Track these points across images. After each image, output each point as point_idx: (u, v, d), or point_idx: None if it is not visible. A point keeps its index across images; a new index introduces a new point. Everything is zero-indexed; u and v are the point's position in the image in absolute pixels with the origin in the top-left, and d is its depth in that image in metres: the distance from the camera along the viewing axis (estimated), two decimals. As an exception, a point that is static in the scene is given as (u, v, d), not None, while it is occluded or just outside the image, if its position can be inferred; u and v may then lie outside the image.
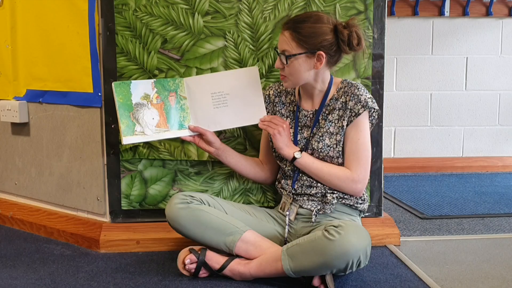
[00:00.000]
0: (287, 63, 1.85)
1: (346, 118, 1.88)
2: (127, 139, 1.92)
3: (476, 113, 3.71)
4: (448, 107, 3.69)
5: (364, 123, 1.89)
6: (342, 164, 1.91)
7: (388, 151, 3.67)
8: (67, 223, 2.29)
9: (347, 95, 1.89)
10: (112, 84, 1.92)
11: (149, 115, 1.95)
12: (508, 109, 3.72)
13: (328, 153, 1.89)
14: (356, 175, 1.88)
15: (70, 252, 2.15)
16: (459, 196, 3.04)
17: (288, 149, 1.91)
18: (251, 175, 2.08)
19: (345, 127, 1.89)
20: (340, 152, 1.90)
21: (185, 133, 1.99)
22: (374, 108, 1.89)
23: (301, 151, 1.91)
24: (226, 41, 2.11)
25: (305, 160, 1.90)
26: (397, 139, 3.70)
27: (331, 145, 1.89)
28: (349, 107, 1.88)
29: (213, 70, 2.11)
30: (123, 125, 1.91)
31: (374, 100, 1.90)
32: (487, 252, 2.15)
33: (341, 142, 1.89)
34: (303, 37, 1.81)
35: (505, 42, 3.65)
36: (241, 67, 2.11)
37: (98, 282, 1.84)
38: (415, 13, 3.55)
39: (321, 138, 1.91)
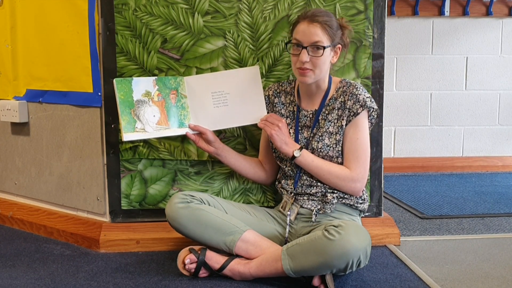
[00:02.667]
0: (322, 54, 1.84)
1: (345, 118, 1.88)
2: (127, 136, 1.91)
3: (476, 113, 3.71)
4: (448, 107, 3.69)
5: (363, 123, 1.89)
6: (341, 164, 1.91)
7: (388, 151, 3.67)
8: (67, 223, 2.29)
9: (346, 95, 1.89)
10: (114, 80, 1.92)
11: (150, 112, 1.95)
12: (508, 109, 3.72)
13: (327, 152, 1.89)
14: (355, 174, 1.88)
15: (70, 252, 2.15)
16: (459, 196, 3.04)
17: (287, 147, 1.91)
18: (250, 175, 2.08)
19: (344, 126, 1.89)
20: (340, 152, 1.90)
21: (185, 131, 1.99)
22: (373, 108, 1.89)
23: (301, 148, 1.91)
24: (226, 41, 2.11)
25: (305, 158, 1.90)
26: (397, 139, 3.70)
27: (331, 145, 1.89)
28: (347, 107, 1.88)
29: (213, 70, 2.11)
30: (124, 122, 1.91)
31: (372, 100, 1.90)
32: (487, 252, 2.14)
33: (341, 142, 1.89)
34: (332, 30, 1.85)
35: (505, 42, 3.65)
36: (241, 67, 2.11)
37: (98, 282, 1.84)
38: (415, 13, 3.55)
39: (320, 138, 1.91)
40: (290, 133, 1.97)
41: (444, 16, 3.58)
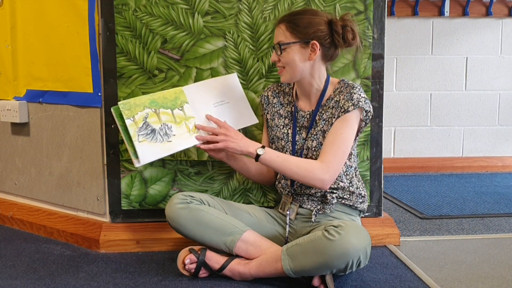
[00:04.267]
0: (281, 52, 1.85)
1: (336, 114, 1.87)
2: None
3: (476, 113, 3.71)
4: (448, 107, 3.69)
5: (351, 120, 1.85)
6: None
7: (388, 151, 3.67)
8: (67, 223, 2.29)
9: (342, 94, 1.89)
10: (118, 104, 1.86)
11: (160, 129, 1.89)
12: (508, 109, 3.72)
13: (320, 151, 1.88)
14: (327, 166, 1.81)
15: (70, 252, 2.15)
16: (459, 196, 3.04)
17: (248, 148, 1.85)
18: (256, 177, 2.07)
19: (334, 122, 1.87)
20: None
21: (196, 141, 1.92)
22: (364, 109, 1.86)
23: (263, 147, 1.85)
24: (226, 41, 2.11)
25: (270, 155, 1.84)
26: (397, 139, 3.70)
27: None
28: (340, 105, 1.87)
29: (213, 70, 2.11)
30: (131, 148, 1.86)
31: (367, 101, 1.86)
32: (487, 252, 2.15)
33: None
34: (297, 27, 1.84)
35: (505, 42, 3.65)
36: (241, 67, 2.11)
37: (98, 282, 1.84)
38: (415, 13, 3.55)
39: (315, 137, 1.90)
40: (288, 133, 1.96)
41: (444, 16, 3.58)
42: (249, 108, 2.04)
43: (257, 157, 1.84)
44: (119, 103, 1.87)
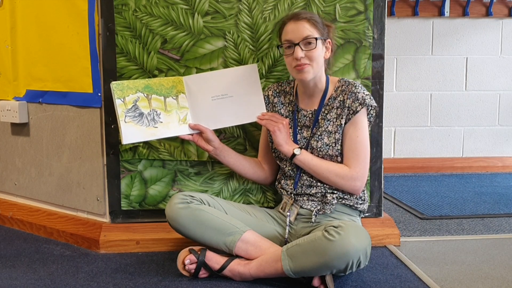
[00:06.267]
0: (316, 46, 1.85)
1: (344, 116, 1.88)
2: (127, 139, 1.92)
3: (476, 113, 3.71)
4: (448, 107, 3.69)
5: (362, 121, 1.89)
6: (341, 163, 1.91)
7: (388, 151, 3.67)
8: (67, 223, 2.29)
9: (345, 94, 1.90)
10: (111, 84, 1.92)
11: (148, 114, 1.95)
12: (508, 109, 3.72)
13: (327, 152, 1.89)
14: (355, 172, 1.88)
15: (70, 252, 2.15)
16: (459, 196, 3.04)
17: (288, 146, 1.91)
18: (250, 175, 2.08)
19: (343, 125, 1.89)
20: (339, 151, 1.90)
21: (184, 131, 1.98)
22: (371, 105, 1.89)
23: (300, 148, 1.91)
24: (226, 41, 2.11)
25: (304, 157, 1.90)
26: (397, 139, 3.70)
27: (330, 144, 1.89)
28: (347, 105, 1.88)
29: (213, 70, 2.11)
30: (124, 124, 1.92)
31: (371, 97, 1.90)
32: (487, 252, 2.14)
33: (340, 141, 1.90)
34: (319, 24, 1.88)
35: (505, 42, 3.65)
36: (241, 67, 2.11)
37: (98, 282, 1.84)
38: (415, 13, 3.55)
39: (320, 137, 1.91)
40: (290, 133, 1.97)
41: (444, 16, 3.58)
42: (260, 103, 2.00)
43: (292, 156, 1.90)
44: (112, 82, 1.93)
